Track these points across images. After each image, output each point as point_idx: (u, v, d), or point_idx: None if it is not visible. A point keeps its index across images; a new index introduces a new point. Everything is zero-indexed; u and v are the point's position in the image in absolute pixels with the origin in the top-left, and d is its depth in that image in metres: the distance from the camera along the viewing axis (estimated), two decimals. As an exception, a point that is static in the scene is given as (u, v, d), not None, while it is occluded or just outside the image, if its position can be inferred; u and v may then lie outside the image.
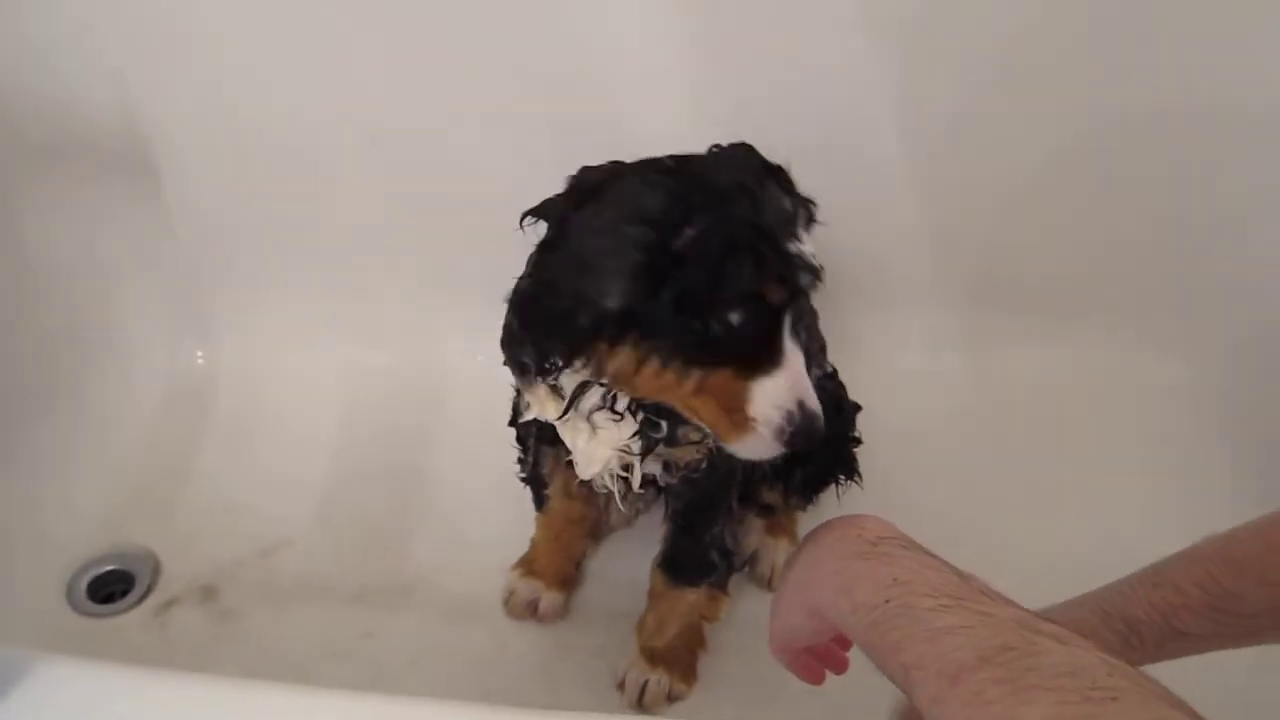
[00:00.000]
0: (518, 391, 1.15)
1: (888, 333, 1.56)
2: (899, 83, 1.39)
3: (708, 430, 0.90)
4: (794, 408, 0.85)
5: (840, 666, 0.84)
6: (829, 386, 1.30)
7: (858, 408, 1.35)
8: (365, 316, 1.60)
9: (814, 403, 0.85)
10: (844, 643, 0.83)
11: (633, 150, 1.43)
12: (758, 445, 0.86)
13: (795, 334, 0.86)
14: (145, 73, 1.40)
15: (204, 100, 1.42)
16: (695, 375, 0.86)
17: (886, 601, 0.63)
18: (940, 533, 0.84)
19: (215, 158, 1.48)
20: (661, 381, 0.86)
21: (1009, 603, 0.61)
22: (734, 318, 0.83)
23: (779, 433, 0.85)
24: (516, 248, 1.03)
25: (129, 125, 1.43)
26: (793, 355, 0.86)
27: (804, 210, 0.89)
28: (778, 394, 0.85)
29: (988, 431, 1.51)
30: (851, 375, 1.35)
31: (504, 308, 1.03)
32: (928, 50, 1.37)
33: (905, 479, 1.40)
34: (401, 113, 1.43)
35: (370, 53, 1.38)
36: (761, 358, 0.85)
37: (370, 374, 1.59)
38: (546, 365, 0.90)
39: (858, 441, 1.35)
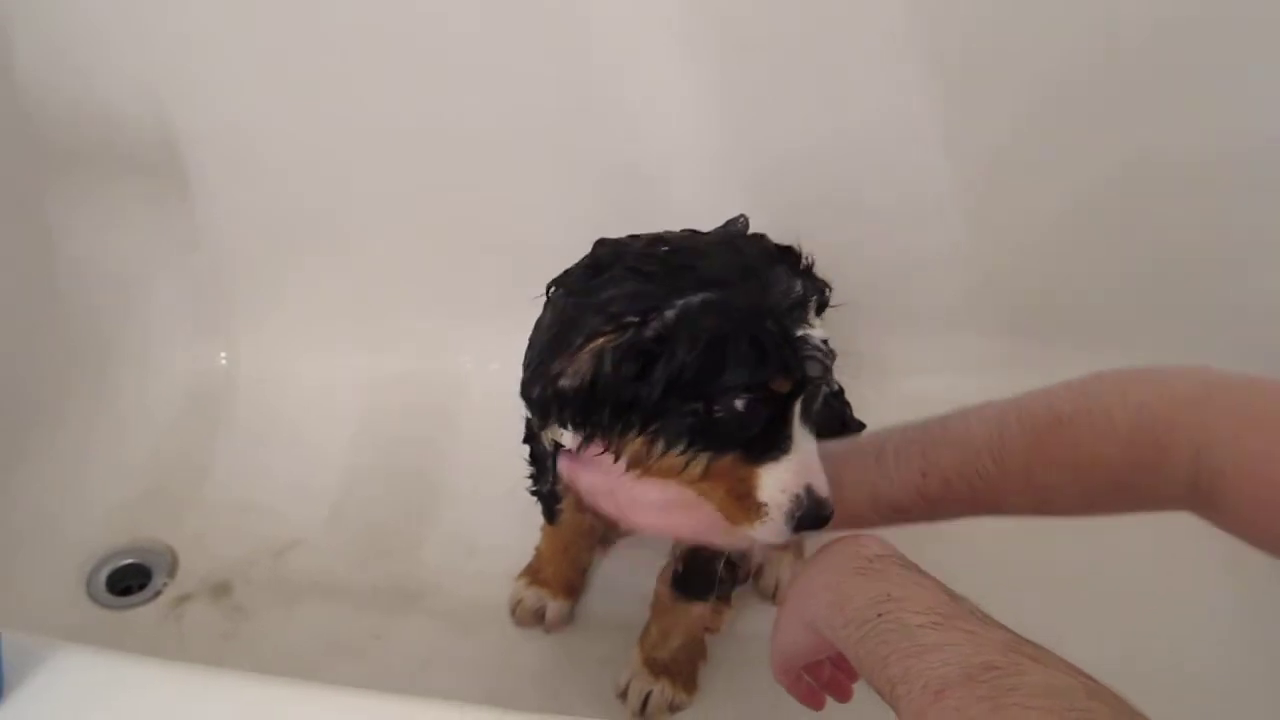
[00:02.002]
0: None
1: (896, 354, 1.56)
2: (932, 113, 1.41)
3: None
4: (802, 492, 0.84)
5: (843, 695, 0.85)
6: (834, 405, 1.31)
7: (862, 426, 1.36)
8: (383, 324, 1.62)
9: (823, 487, 0.85)
10: (850, 673, 0.84)
11: (657, 170, 1.46)
12: (766, 530, 0.85)
13: (806, 417, 0.86)
14: (171, 78, 1.43)
15: (229, 106, 1.45)
16: (702, 461, 0.85)
17: (879, 616, 0.65)
18: (942, 549, 0.86)
19: (240, 163, 1.50)
20: (669, 465, 0.85)
21: (997, 625, 0.62)
22: (738, 404, 0.82)
23: (788, 517, 0.84)
24: (534, 263, 1.05)
25: (154, 130, 1.45)
26: (802, 440, 0.85)
27: (816, 294, 0.88)
28: (786, 479, 0.84)
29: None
30: (859, 395, 1.36)
31: (521, 319, 1.05)
32: (963, 85, 1.40)
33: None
34: (426, 126, 1.45)
35: (398, 66, 1.41)
36: (769, 443, 0.85)
37: (386, 381, 1.61)
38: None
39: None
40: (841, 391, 1.32)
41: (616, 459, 0.88)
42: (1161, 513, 0.77)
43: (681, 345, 0.80)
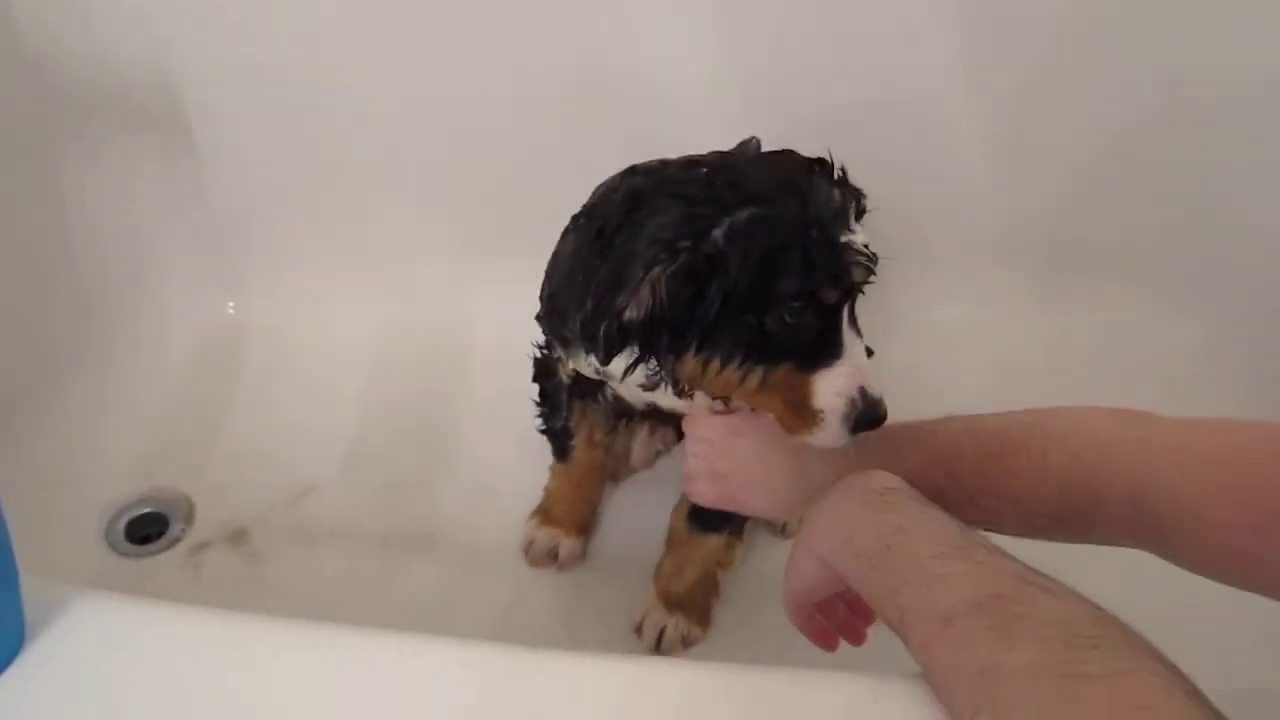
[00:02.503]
0: (541, 350, 1.17)
1: (914, 286, 1.56)
2: (957, 50, 1.40)
3: None
4: (856, 395, 0.86)
5: (857, 639, 0.85)
6: None
7: (870, 352, 1.36)
8: (394, 272, 1.62)
9: (875, 388, 0.87)
10: (864, 616, 0.84)
11: (670, 112, 1.44)
12: (826, 435, 0.87)
13: (853, 323, 0.88)
14: (179, 29, 1.42)
15: (238, 56, 1.44)
16: (758, 373, 0.87)
17: (888, 548, 0.66)
18: None
19: (249, 113, 1.50)
20: (727, 381, 0.88)
21: (1006, 556, 0.62)
22: (789, 315, 0.84)
23: (845, 420, 0.86)
24: (541, 208, 1.05)
25: (163, 81, 1.45)
26: (852, 345, 0.87)
27: (855, 202, 0.90)
28: (840, 384, 0.86)
29: (1005, 388, 1.51)
30: (879, 326, 1.36)
31: (531, 266, 1.05)
32: (988, 20, 1.38)
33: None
34: (437, 73, 1.44)
35: (407, 14, 1.40)
36: (821, 350, 0.87)
37: (396, 327, 1.62)
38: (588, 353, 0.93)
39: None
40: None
41: (664, 386, 0.92)
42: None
43: (733, 261, 0.83)
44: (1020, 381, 1.52)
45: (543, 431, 1.28)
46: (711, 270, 0.83)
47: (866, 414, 0.86)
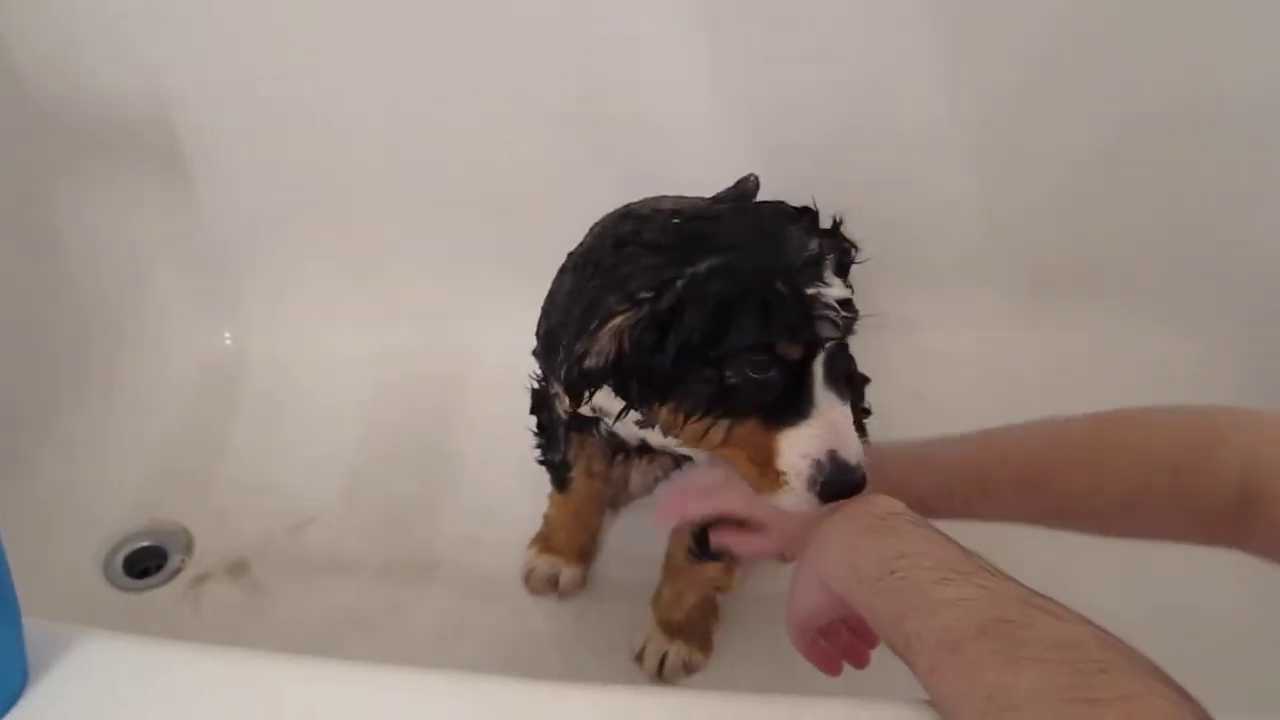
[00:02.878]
0: (539, 383, 1.18)
1: (908, 309, 1.56)
2: (945, 67, 1.40)
3: None
4: (824, 458, 0.80)
5: (860, 662, 0.85)
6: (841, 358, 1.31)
7: (866, 379, 1.37)
8: (392, 298, 1.62)
9: (849, 451, 0.81)
10: (867, 639, 0.84)
11: (668, 139, 1.45)
12: (791, 500, 0.82)
13: (830, 379, 0.82)
14: (176, 61, 1.43)
15: (233, 87, 1.45)
16: (722, 427, 0.83)
17: (892, 573, 0.65)
18: None
19: (244, 143, 1.50)
20: (693, 432, 0.85)
21: (1009, 579, 0.63)
22: (750, 369, 0.81)
23: (810, 484, 0.80)
24: (542, 233, 1.06)
25: (160, 113, 1.45)
26: (825, 404, 0.82)
27: (836, 252, 0.85)
28: (806, 445, 0.81)
29: (1002, 407, 1.51)
30: (869, 349, 1.36)
31: (530, 293, 1.05)
32: (975, 38, 1.39)
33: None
34: (431, 100, 1.45)
35: (401, 42, 1.40)
36: (789, 408, 0.82)
37: (396, 354, 1.61)
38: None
39: (867, 413, 1.36)
40: (846, 345, 1.32)
41: (652, 427, 0.89)
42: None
43: (690, 312, 0.80)
44: (1015, 401, 1.50)
45: (541, 462, 1.28)
46: (672, 321, 0.81)
47: (835, 479, 0.80)
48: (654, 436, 1.02)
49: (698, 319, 0.80)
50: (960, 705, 0.56)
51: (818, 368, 0.82)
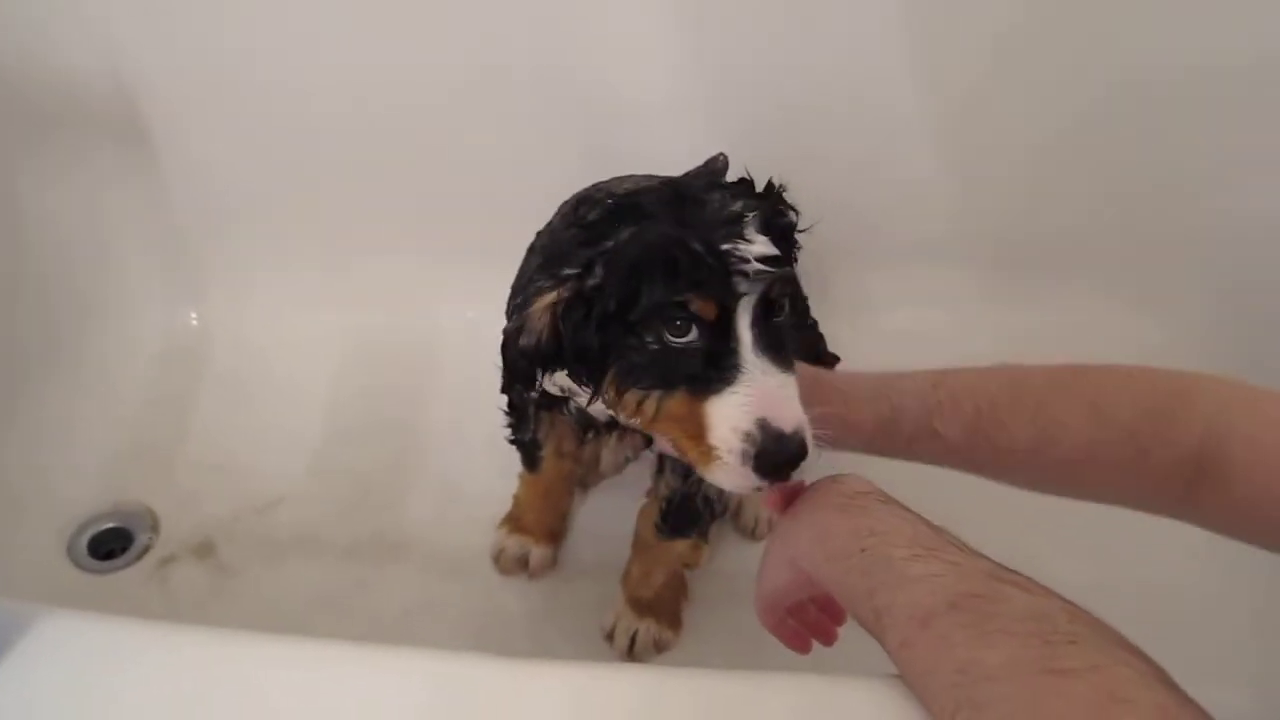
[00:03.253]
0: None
1: (872, 289, 1.58)
2: (907, 45, 1.40)
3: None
4: (753, 429, 0.76)
5: (828, 638, 0.85)
6: (809, 337, 1.32)
7: (836, 359, 1.37)
8: (359, 278, 1.61)
9: (782, 420, 0.76)
10: (835, 616, 0.84)
11: (634, 116, 1.44)
12: (726, 475, 0.78)
13: (763, 345, 0.78)
14: (142, 40, 1.41)
15: (198, 65, 1.43)
16: (653, 400, 0.81)
17: (862, 550, 0.66)
18: (917, 481, 0.86)
19: (211, 123, 1.49)
20: (630, 406, 0.83)
21: (978, 554, 0.63)
22: (670, 333, 0.79)
23: (744, 458, 0.76)
24: (508, 211, 1.05)
25: (126, 92, 1.43)
26: (754, 368, 0.78)
27: (767, 213, 0.82)
28: (732, 414, 0.77)
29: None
30: (835, 329, 1.37)
31: (498, 272, 1.04)
32: (937, 15, 1.39)
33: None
34: (396, 77, 1.43)
35: (366, 16, 1.39)
36: (714, 374, 0.78)
37: (362, 333, 1.61)
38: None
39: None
40: (815, 324, 1.33)
41: (606, 405, 0.87)
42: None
43: (608, 280, 0.79)
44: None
45: (512, 442, 1.28)
46: (596, 295, 0.80)
47: (770, 451, 0.75)
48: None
49: (614, 285, 0.79)
50: (931, 679, 0.57)
51: (744, 331, 0.78)
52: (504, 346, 0.90)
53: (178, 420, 1.52)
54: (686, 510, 1.17)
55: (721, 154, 1.01)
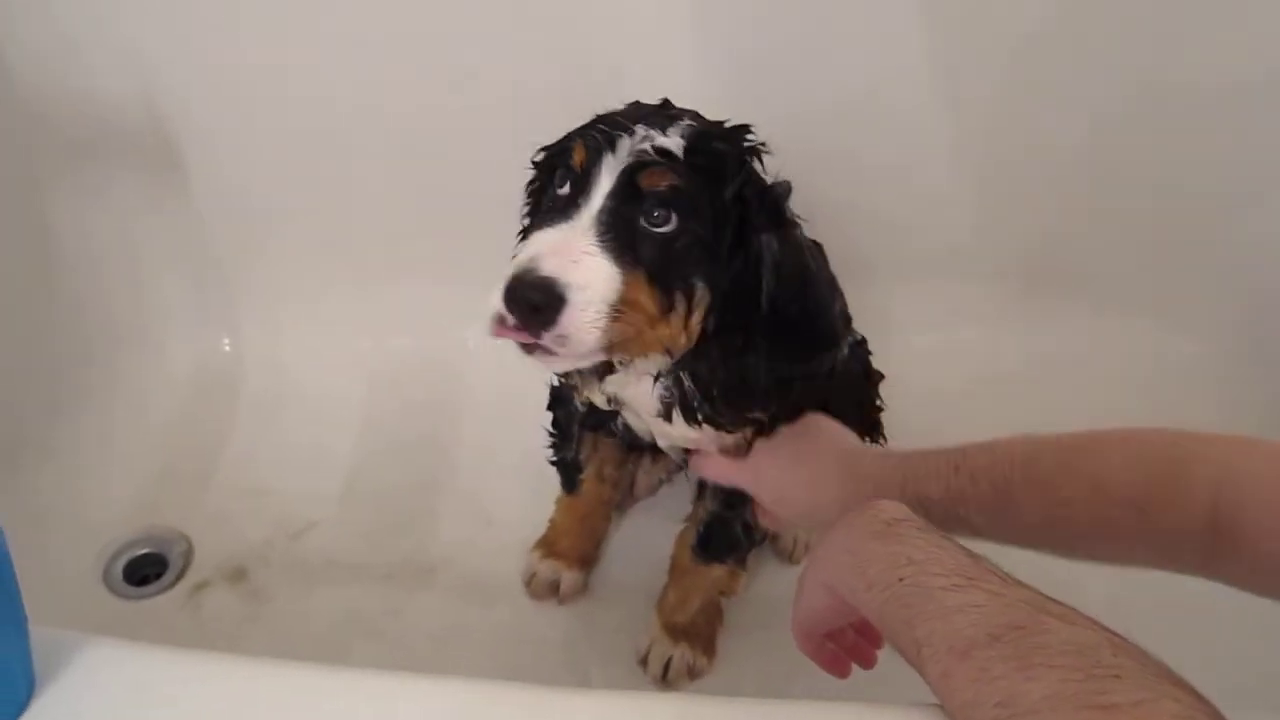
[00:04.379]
0: (561, 378, 1.17)
1: (901, 305, 1.57)
2: (930, 64, 1.40)
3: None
4: (530, 255, 0.78)
5: (868, 662, 0.85)
6: (860, 354, 1.31)
7: (881, 376, 1.37)
8: (389, 300, 1.61)
9: (545, 261, 0.77)
10: (874, 639, 0.84)
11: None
12: (490, 303, 0.79)
13: (604, 218, 0.80)
14: (174, 65, 1.42)
15: (230, 94, 1.44)
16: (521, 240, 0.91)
17: (900, 580, 0.65)
18: None
19: (243, 148, 1.49)
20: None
21: (1019, 583, 0.62)
22: (557, 179, 0.86)
23: (500, 286, 0.78)
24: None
25: (159, 117, 1.45)
26: (576, 225, 0.80)
27: (700, 129, 0.87)
28: (535, 242, 0.80)
29: (1004, 405, 1.52)
30: (879, 346, 1.37)
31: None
32: (959, 34, 1.39)
33: (919, 445, 1.42)
34: (428, 103, 1.44)
35: (393, 44, 1.40)
36: (555, 217, 0.82)
37: (393, 357, 1.61)
38: None
39: (881, 409, 1.37)
40: (864, 341, 1.33)
41: None
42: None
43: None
44: (1005, 399, 1.53)
45: (553, 462, 1.28)
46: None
47: (512, 278, 0.77)
48: (668, 430, 1.02)
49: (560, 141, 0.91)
50: (972, 711, 0.56)
51: (596, 195, 0.81)
52: None
53: (211, 445, 1.53)
54: (725, 536, 1.17)
55: (786, 181, 1.00)
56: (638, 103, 0.93)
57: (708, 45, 1.40)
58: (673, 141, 0.83)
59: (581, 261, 0.78)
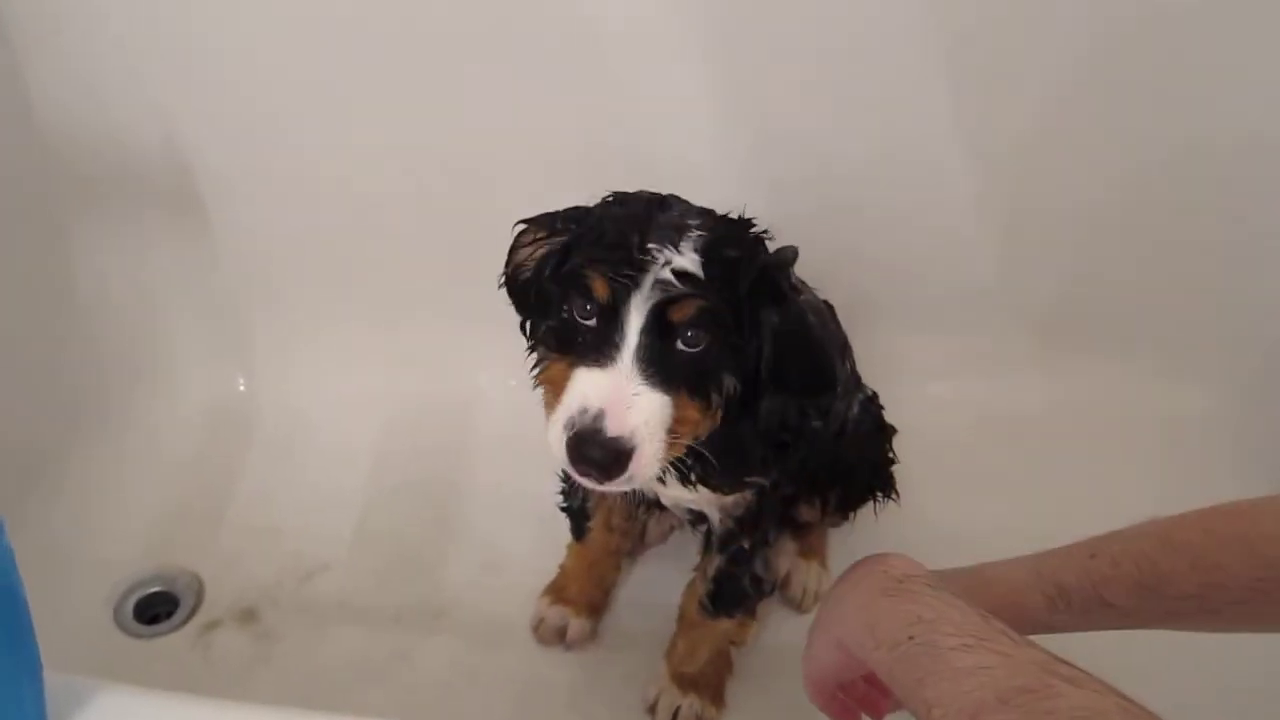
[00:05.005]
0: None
1: (911, 355, 1.57)
2: (954, 106, 1.41)
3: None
4: (585, 406, 0.81)
5: (878, 713, 0.85)
6: (871, 409, 1.32)
7: (894, 430, 1.37)
8: (404, 343, 1.62)
9: (611, 419, 0.80)
10: (885, 691, 0.83)
11: (670, 180, 1.46)
12: (552, 431, 0.83)
13: (644, 352, 0.82)
14: (192, 107, 1.44)
15: (247, 134, 1.46)
16: (548, 361, 0.89)
17: (910, 639, 0.65)
18: (967, 547, 0.88)
19: (257, 190, 1.51)
20: (539, 363, 0.92)
21: (1029, 644, 0.62)
22: (577, 310, 0.85)
23: (568, 426, 0.81)
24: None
25: (174, 158, 1.47)
26: (622, 366, 0.82)
27: (712, 235, 0.86)
28: (582, 388, 0.82)
29: (1007, 453, 1.54)
30: (889, 398, 1.38)
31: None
32: (982, 86, 1.40)
33: (933, 496, 1.43)
34: (446, 146, 1.46)
35: (409, 91, 1.42)
36: (592, 353, 0.83)
37: (405, 400, 1.62)
38: None
39: (894, 462, 1.37)
40: (876, 396, 1.34)
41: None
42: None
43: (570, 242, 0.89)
44: (1019, 449, 1.54)
45: (563, 509, 1.28)
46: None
47: (582, 435, 0.80)
48: (666, 491, 1.03)
49: (560, 245, 0.89)
50: (982, 775, 0.56)
51: (631, 330, 0.82)
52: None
53: (224, 484, 1.54)
54: (734, 590, 1.17)
55: (792, 247, 1.01)
56: (642, 195, 0.93)
57: (727, 95, 1.42)
58: (689, 260, 0.83)
59: (635, 406, 0.81)
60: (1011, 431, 1.56)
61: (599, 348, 0.83)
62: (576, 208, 0.95)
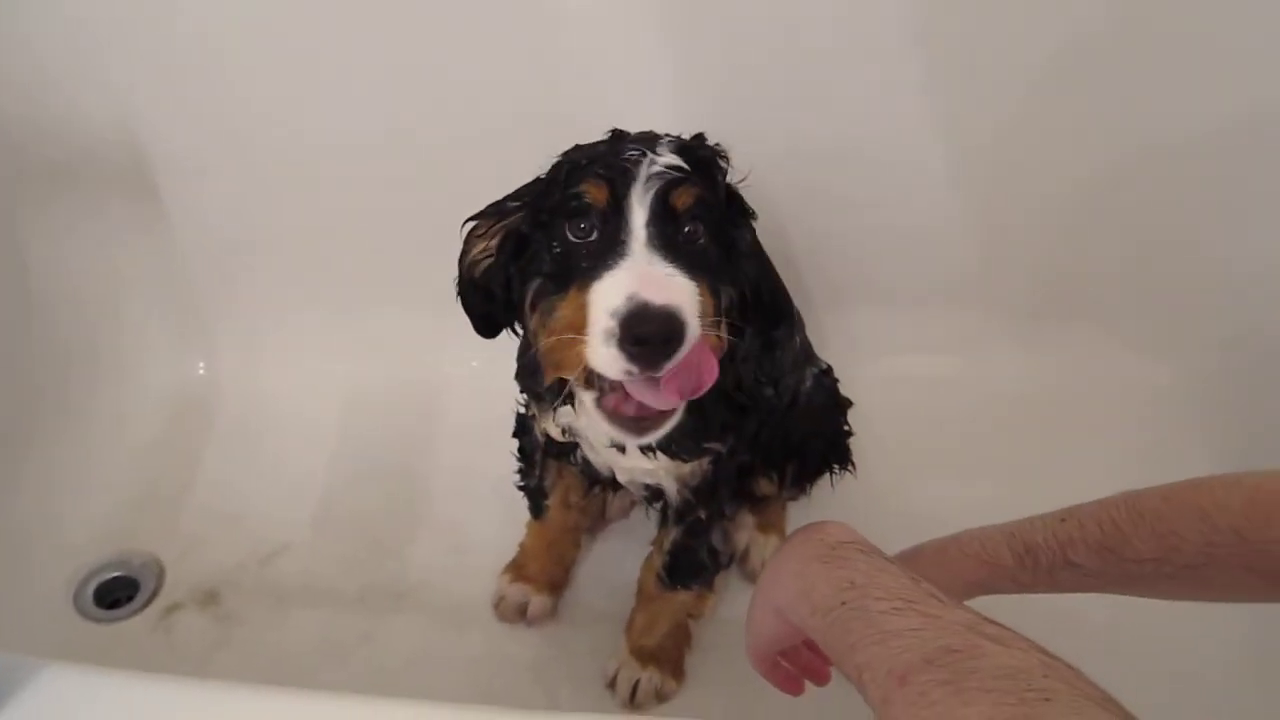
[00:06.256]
0: (522, 406, 1.19)
1: (882, 332, 1.59)
2: (931, 94, 1.41)
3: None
4: (620, 303, 0.75)
5: (820, 679, 0.86)
6: (825, 382, 1.34)
7: (849, 403, 1.39)
8: (364, 326, 1.62)
9: (653, 293, 0.75)
10: (825, 656, 0.84)
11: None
12: (597, 359, 0.77)
13: (655, 240, 0.80)
14: (149, 94, 1.43)
15: (206, 121, 1.46)
16: (551, 305, 0.84)
17: (843, 604, 0.67)
18: (926, 523, 0.90)
19: (217, 176, 1.51)
20: (543, 328, 0.85)
21: (959, 606, 0.64)
22: (572, 231, 0.82)
23: (608, 337, 0.75)
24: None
25: (133, 145, 1.46)
26: (638, 255, 0.79)
27: (680, 142, 0.88)
28: (607, 296, 0.77)
29: (975, 429, 1.55)
30: (847, 373, 1.39)
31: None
32: (961, 66, 1.40)
33: (895, 472, 1.45)
34: (402, 130, 1.46)
35: (368, 75, 1.41)
36: (600, 264, 0.80)
37: (367, 384, 1.62)
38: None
39: (849, 434, 1.39)
40: (830, 370, 1.35)
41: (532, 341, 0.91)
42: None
43: (541, 192, 0.90)
44: (992, 425, 1.55)
45: (520, 488, 1.29)
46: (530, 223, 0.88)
47: (631, 318, 0.74)
48: (623, 463, 1.04)
49: (548, 189, 0.88)
50: (913, 736, 0.58)
51: (637, 224, 0.81)
52: (524, 377, 0.99)
53: (185, 469, 1.54)
54: (691, 562, 1.18)
55: None
56: (615, 130, 0.94)
57: (693, 79, 1.41)
58: (672, 158, 0.84)
59: (671, 284, 0.78)
60: (980, 408, 1.57)
61: (609, 250, 0.80)
62: (523, 185, 0.95)
